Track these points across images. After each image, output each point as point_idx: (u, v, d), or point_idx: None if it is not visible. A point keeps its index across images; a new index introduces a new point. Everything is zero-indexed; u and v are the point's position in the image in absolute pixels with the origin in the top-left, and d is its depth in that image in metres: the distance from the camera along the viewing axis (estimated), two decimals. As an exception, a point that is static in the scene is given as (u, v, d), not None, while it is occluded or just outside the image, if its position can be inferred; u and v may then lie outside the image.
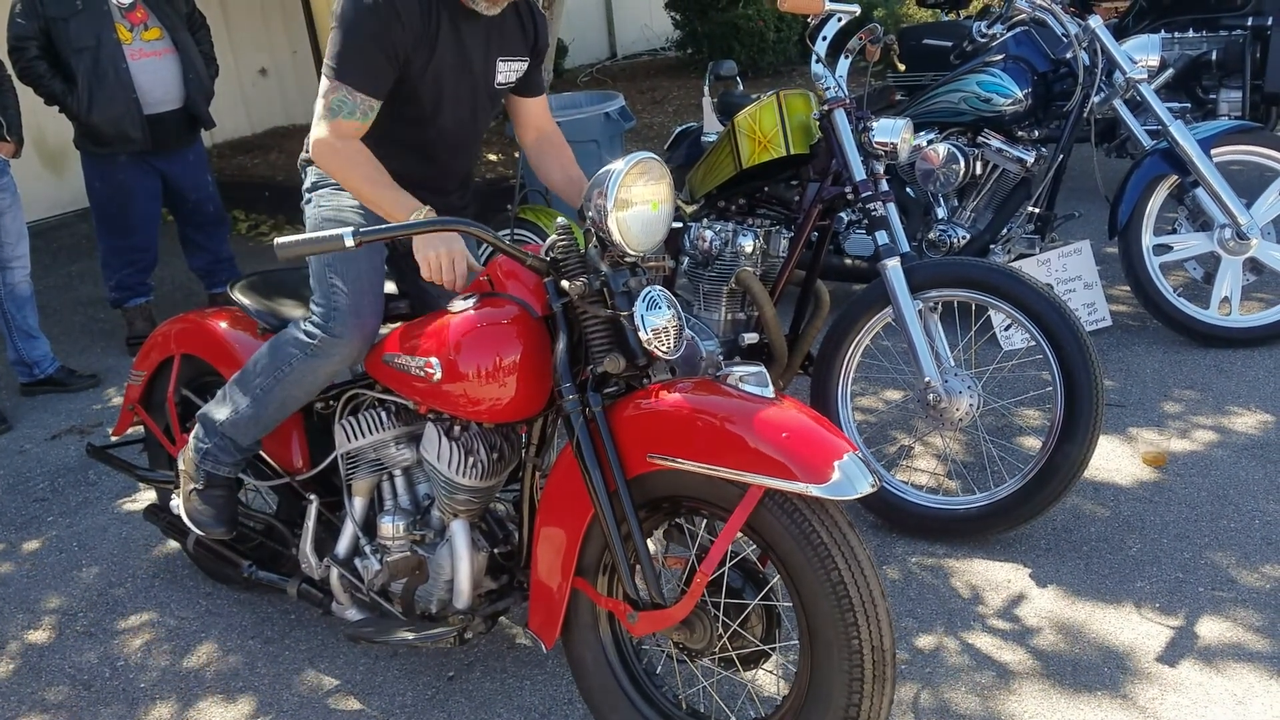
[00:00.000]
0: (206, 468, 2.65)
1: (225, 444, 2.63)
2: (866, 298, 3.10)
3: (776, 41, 10.22)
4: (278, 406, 2.55)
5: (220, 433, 2.62)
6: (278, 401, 2.54)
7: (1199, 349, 4.04)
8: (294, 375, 2.49)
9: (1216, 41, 5.26)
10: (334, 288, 2.45)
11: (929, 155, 4.21)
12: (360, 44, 2.29)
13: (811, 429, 1.86)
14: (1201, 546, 2.90)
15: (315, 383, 2.52)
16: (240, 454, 2.66)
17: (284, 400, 2.54)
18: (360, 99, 2.31)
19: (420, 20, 2.34)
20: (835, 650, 1.88)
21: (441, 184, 2.75)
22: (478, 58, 2.51)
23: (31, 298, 4.57)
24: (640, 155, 2.03)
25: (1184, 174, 3.96)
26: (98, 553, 3.42)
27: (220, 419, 2.61)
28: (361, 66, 2.30)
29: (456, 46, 2.45)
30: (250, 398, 2.55)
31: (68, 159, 6.94)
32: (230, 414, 2.59)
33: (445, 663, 2.72)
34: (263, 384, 2.53)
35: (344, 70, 2.30)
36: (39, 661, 2.89)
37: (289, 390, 2.51)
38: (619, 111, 5.61)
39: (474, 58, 2.50)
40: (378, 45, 2.29)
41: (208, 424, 2.65)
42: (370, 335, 2.47)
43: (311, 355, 2.46)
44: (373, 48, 2.29)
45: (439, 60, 2.43)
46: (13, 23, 4.57)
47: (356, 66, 2.30)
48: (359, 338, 2.44)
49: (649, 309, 2.02)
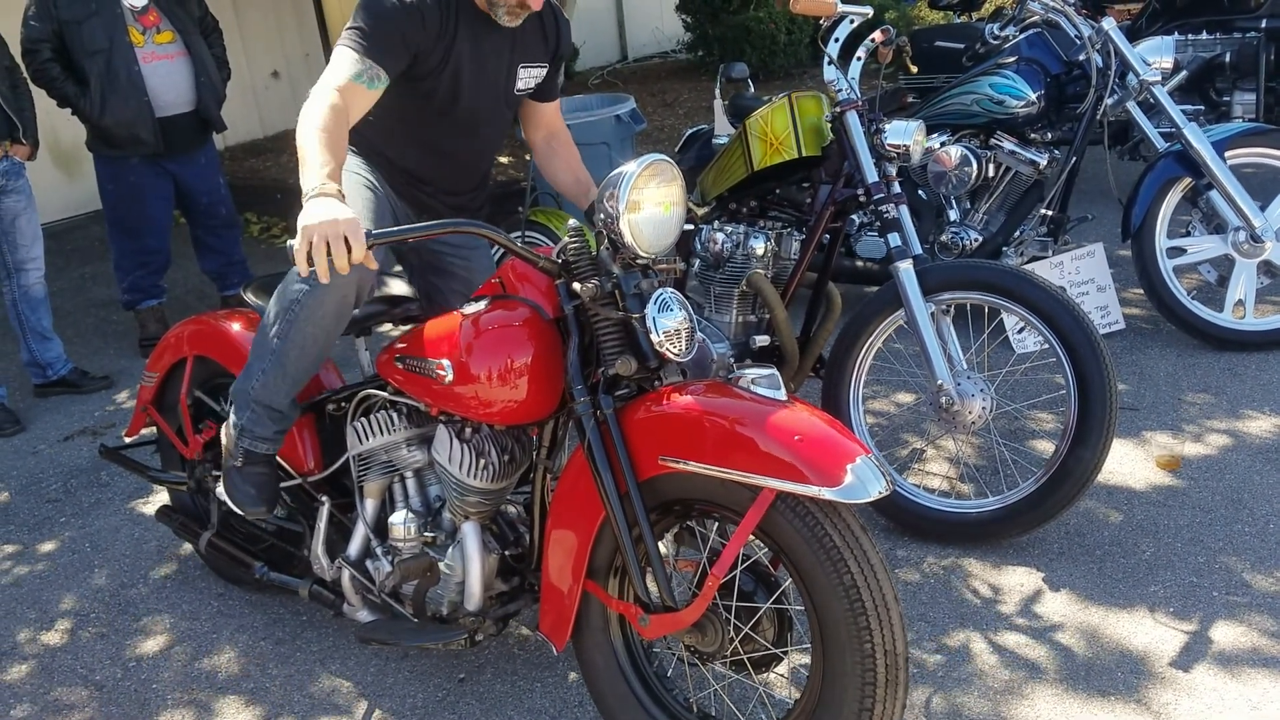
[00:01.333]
0: (245, 444, 2.60)
1: (259, 414, 2.57)
2: (878, 300, 3.10)
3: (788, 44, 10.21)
4: (298, 354, 2.48)
5: (252, 403, 2.56)
6: (297, 348, 2.47)
7: (1213, 352, 4.02)
8: (304, 314, 2.42)
9: (1230, 43, 5.24)
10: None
11: (941, 157, 4.20)
12: (381, 24, 2.39)
13: (824, 432, 1.85)
14: (1215, 551, 2.88)
15: (326, 317, 2.44)
16: (276, 423, 2.59)
17: (302, 345, 2.46)
18: (370, 64, 2.37)
19: (439, 23, 2.43)
20: (848, 654, 1.87)
21: (455, 185, 2.77)
22: (498, 64, 2.55)
23: (45, 299, 4.59)
24: (652, 157, 2.03)
25: (1198, 176, 3.95)
26: (110, 553, 3.43)
27: (250, 388, 2.56)
28: (380, 42, 2.39)
29: (475, 52, 2.50)
30: (270, 353, 2.49)
31: (81, 161, 6.97)
32: (258, 378, 2.53)
33: (456, 665, 2.72)
34: (278, 333, 2.47)
35: (362, 41, 2.37)
36: (51, 662, 2.90)
37: (304, 332, 2.44)
38: (630, 114, 5.61)
39: (493, 65, 2.54)
40: (397, 29, 2.40)
41: (240, 398, 2.60)
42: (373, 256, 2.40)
43: (314, 286, 2.39)
44: (393, 29, 2.39)
45: (455, 64, 2.46)
46: (27, 25, 4.60)
47: (375, 41, 2.38)
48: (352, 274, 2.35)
49: (660, 311, 2.02)
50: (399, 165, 2.73)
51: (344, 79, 2.33)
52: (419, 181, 2.76)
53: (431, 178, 2.75)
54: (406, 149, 2.63)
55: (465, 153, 2.72)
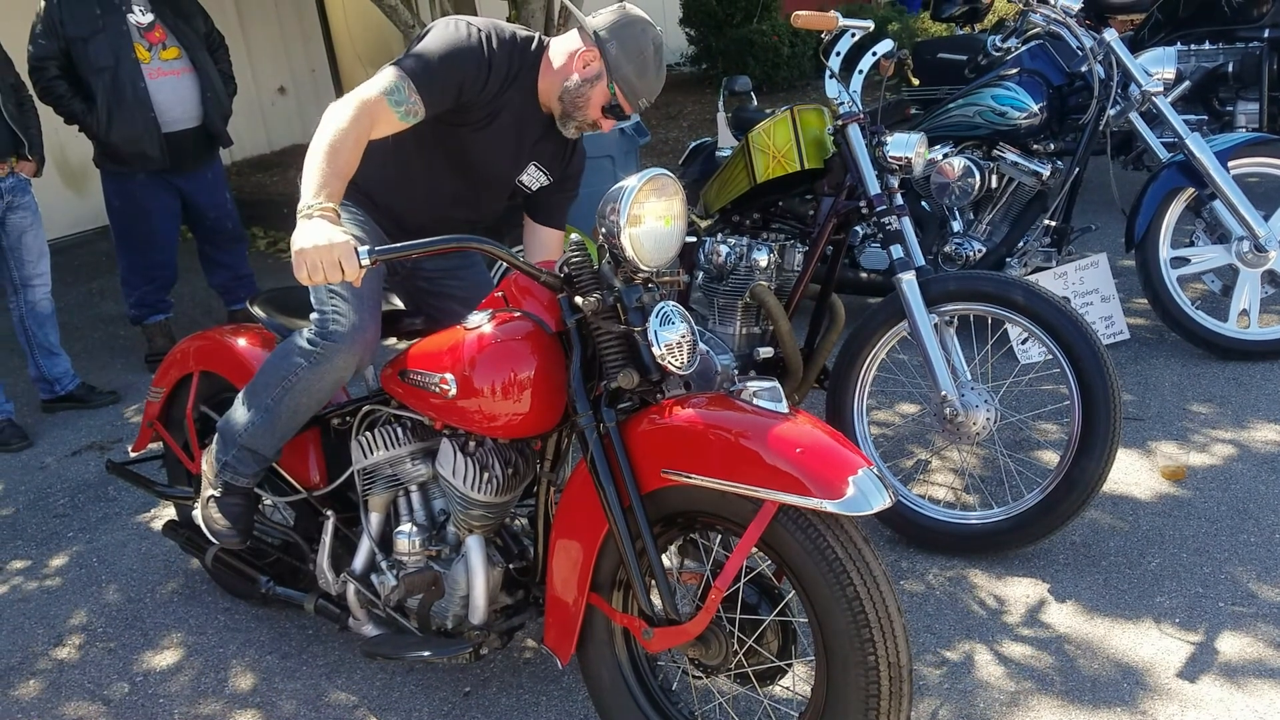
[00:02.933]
0: (225, 477, 2.66)
1: (244, 455, 2.63)
2: (882, 312, 3.10)
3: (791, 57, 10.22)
4: (289, 416, 2.55)
5: (238, 445, 2.62)
6: (289, 411, 2.54)
7: (1217, 362, 4.02)
8: (301, 385, 2.49)
9: (1233, 54, 5.24)
10: (333, 294, 2.46)
11: (944, 169, 4.21)
12: (446, 64, 2.35)
13: (826, 444, 1.86)
14: (1221, 561, 2.88)
15: (322, 390, 2.51)
16: (259, 465, 2.65)
17: (294, 409, 2.54)
18: (415, 99, 2.33)
19: (501, 84, 2.43)
20: (851, 666, 1.87)
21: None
22: (520, 146, 2.58)
23: (52, 315, 4.61)
24: (653, 171, 2.04)
25: (1201, 187, 3.95)
26: (117, 568, 3.43)
27: (237, 431, 2.61)
28: (436, 81, 2.35)
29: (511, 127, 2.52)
30: (262, 409, 2.55)
31: (88, 177, 7.01)
32: (246, 426, 2.59)
33: (461, 678, 2.72)
34: (273, 395, 2.53)
35: (418, 73, 2.33)
36: (59, 677, 2.91)
37: (298, 399, 2.51)
38: (634, 127, 5.62)
39: (516, 145, 2.57)
40: (459, 75, 2.36)
41: (226, 436, 2.65)
42: (370, 342, 2.47)
43: (315, 364, 2.46)
44: (454, 74, 2.36)
45: (494, 129, 2.49)
46: (33, 43, 4.63)
47: (432, 78, 2.34)
48: (359, 344, 2.44)
49: (662, 324, 2.03)
50: (391, 214, 2.69)
51: (379, 97, 2.28)
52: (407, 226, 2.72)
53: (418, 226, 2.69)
54: (404, 200, 2.61)
55: (462, 218, 2.71)
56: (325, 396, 2.55)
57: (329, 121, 2.23)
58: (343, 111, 2.25)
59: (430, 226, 2.65)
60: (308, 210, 2.06)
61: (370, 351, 2.49)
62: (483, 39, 2.39)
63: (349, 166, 2.21)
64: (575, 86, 2.45)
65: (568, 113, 2.49)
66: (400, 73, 2.32)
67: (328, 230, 2.00)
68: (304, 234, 2.01)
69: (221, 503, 2.67)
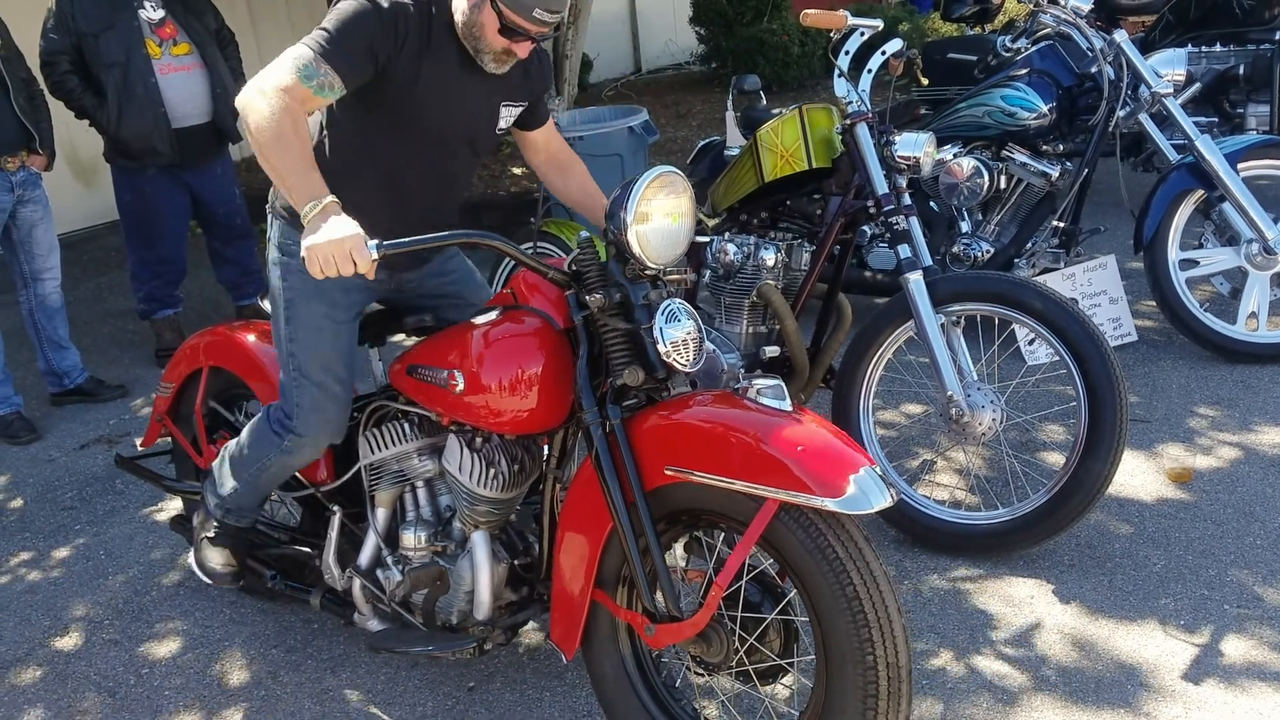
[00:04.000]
0: (217, 516, 2.79)
1: (228, 510, 2.78)
2: (889, 311, 3.10)
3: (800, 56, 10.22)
4: (267, 484, 2.71)
5: (224, 505, 2.76)
6: (266, 484, 2.70)
7: (1225, 364, 4.01)
8: (274, 467, 2.64)
9: (1244, 55, 5.22)
10: (297, 383, 2.50)
11: (953, 169, 4.21)
12: (350, 30, 2.19)
13: (828, 443, 1.86)
14: (1227, 564, 2.87)
15: (299, 466, 2.66)
16: (248, 514, 2.81)
17: (271, 482, 2.70)
18: (326, 71, 2.17)
19: (419, 36, 2.28)
20: (850, 666, 1.87)
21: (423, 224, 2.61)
22: (477, 101, 2.43)
23: (62, 309, 4.63)
24: (661, 169, 2.04)
25: (1210, 189, 3.94)
26: (124, 561, 3.45)
27: (223, 495, 2.75)
28: (343, 47, 2.19)
29: (450, 81, 2.37)
30: (241, 482, 2.70)
31: (98, 172, 7.03)
32: (230, 493, 2.73)
33: (466, 673, 2.73)
34: (250, 473, 2.68)
35: (325, 45, 2.18)
36: (65, 668, 2.93)
37: (274, 475, 2.67)
38: (642, 126, 5.63)
39: (471, 99, 2.42)
40: (366, 36, 2.21)
41: (211, 494, 2.79)
42: (336, 426, 2.55)
43: (285, 452, 2.58)
44: (360, 36, 2.21)
45: (426, 85, 2.34)
46: (45, 38, 4.65)
47: (337, 46, 2.19)
48: (324, 433, 2.54)
49: (668, 322, 2.04)
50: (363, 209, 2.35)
51: (290, 79, 2.14)
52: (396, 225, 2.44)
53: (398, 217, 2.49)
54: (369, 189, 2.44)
55: (430, 189, 2.52)
56: (305, 466, 2.69)
57: (258, 118, 2.10)
58: (263, 104, 2.11)
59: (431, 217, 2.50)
60: (309, 210, 2.03)
61: (339, 434, 2.57)
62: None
63: (307, 152, 2.12)
64: (465, 18, 2.28)
65: (476, 49, 2.31)
66: (305, 49, 2.19)
67: (339, 224, 1.99)
68: (316, 230, 1.99)
69: (216, 540, 2.79)
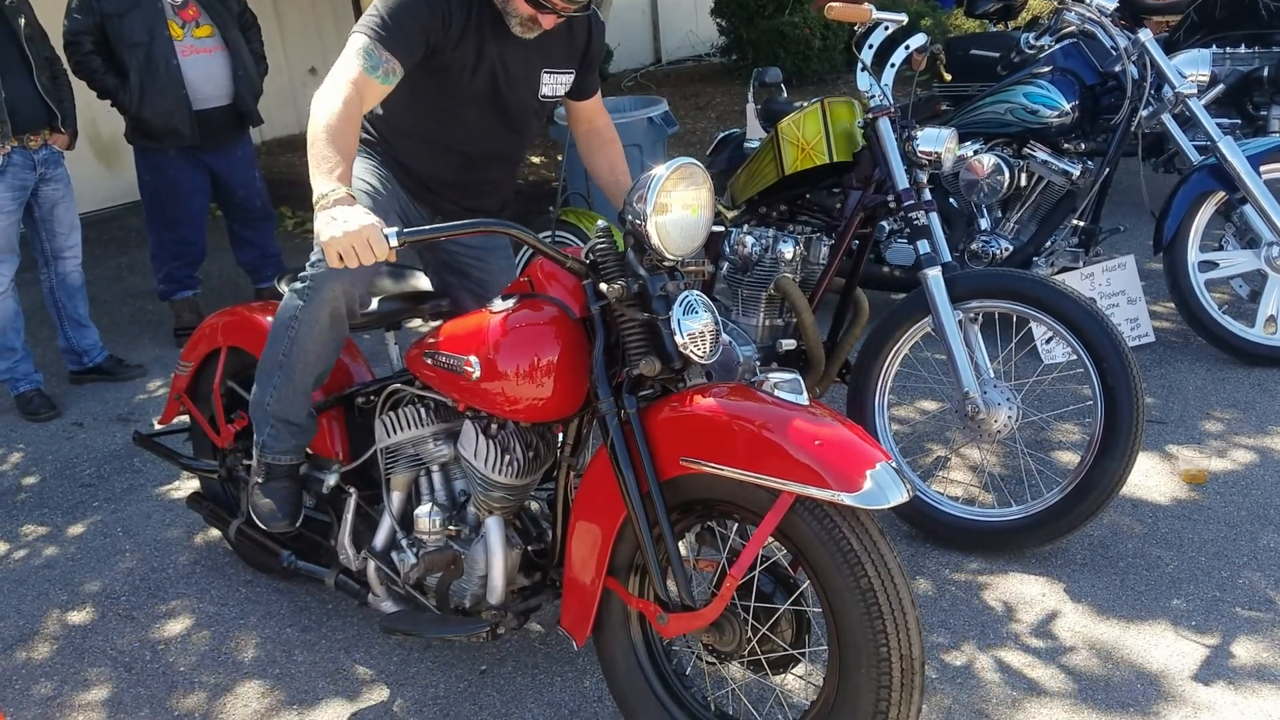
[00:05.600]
0: (267, 459, 2.70)
1: (278, 429, 2.66)
2: (906, 307, 3.10)
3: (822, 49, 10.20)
4: (303, 367, 2.57)
5: (271, 419, 2.65)
6: (301, 362, 2.56)
7: (1242, 367, 4.00)
8: (303, 328, 2.51)
9: (1269, 57, 5.18)
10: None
11: (973, 166, 4.19)
12: (402, 15, 2.34)
13: (845, 437, 1.87)
14: (1240, 566, 2.87)
15: (323, 327, 2.52)
16: (295, 437, 2.68)
17: (305, 358, 2.55)
18: (387, 57, 2.33)
19: (464, 17, 2.40)
20: (864, 658, 1.88)
21: (477, 193, 2.76)
22: (521, 70, 2.54)
23: (82, 287, 4.67)
24: (681, 160, 2.05)
25: (1232, 190, 3.92)
26: (141, 538, 3.48)
27: (265, 402, 2.64)
28: (398, 34, 2.34)
29: (499, 56, 2.48)
30: (279, 369, 2.59)
31: (120, 152, 7.07)
32: (271, 394, 2.62)
33: (478, 657, 2.75)
34: (283, 350, 2.56)
35: (380, 31, 2.33)
36: (81, 642, 2.96)
37: (305, 345, 2.53)
38: (662, 116, 5.63)
39: (517, 71, 2.53)
40: (418, 21, 2.35)
41: (258, 415, 2.69)
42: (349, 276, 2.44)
43: (309, 300, 2.48)
44: (412, 21, 2.34)
45: (490, 62, 2.46)
46: (69, 18, 4.68)
47: (393, 32, 2.33)
48: (337, 277, 2.44)
49: (685, 313, 2.04)
50: (417, 173, 2.71)
51: (358, 71, 2.30)
52: (438, 186, 2.74)
53: (452, 183, 2.72)
54: (426, 154, 2.60)
55: (487, 158, 2.70)
56: (329, 338, 2.55)
57: (320, 108, 2.24)
58: (330, 94, 2.26)
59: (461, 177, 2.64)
60: (324, 199, 2.08)
61: (361, 279, 2.48)
62: None
63: (350, 147, 2.22)
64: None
65: (504, 9, 2.44)
66: (365, 37, 2.33)
67: (353, 215, 2.02)
68: (328, 223, 2.03)
69: (266, 488, 2.72)
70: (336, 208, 2.06)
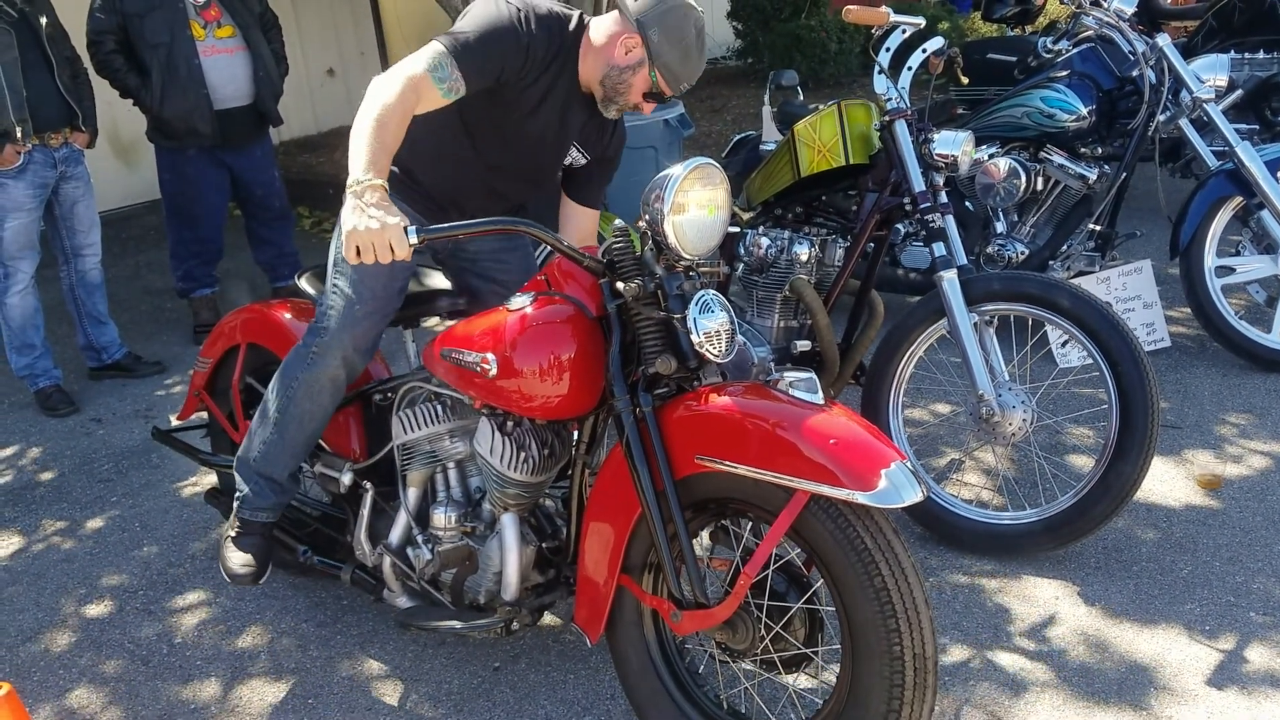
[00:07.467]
0: (244, 514, 2.75)
1: (261, 485, 2.72)
2: (921, 309, 3.11)
3: (838, 52, 10.17)
4: (296, 426, 2.63)
5: (255, 474, 2.72)
6: (295, 421, 2.62)
7: (1258, 373, 3.98)
8: (301, 389, 2.58)
9: (1288, 63, 5.17)
10: (335, 287, 2.52)
11: (990, 169, 4.20)
12: (488, 41, 2.33)
13: (860, 436, 1.87)
14: (1254, 571, 2.86)
15: (321, 391, 2.59)
16: (275, 495, 2.74)
17: (300, 418, 2.62)
18: (457, 75, 2.30)
19: (543, 63, 2.42)
20: (877, 656, 1.89)
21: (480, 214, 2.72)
22: (566, 134, 2.57)
23: (101, 285, 4.71)
24: (698, 160, 2.06)
25: (1249, 196, 3.91)
26: (159, 533, 3.51)
27: (252, 457, 2.71)
28: (477, 58, 2.32)
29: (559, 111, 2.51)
30: (271, 424, 2.65)
31: (140, 151, 7.11)
32: (259, 448, 2.68)
33: (491, 653, 2.77)
34: (278, 406, 2.63)
35: (460, 49, 2.31)
36: (99, 635, 2.98)
37: (301, 406, 2.60)
38: (678, 119, 5.65)
39: (564, 133, 2.56)
40: (501, 52, 2.34)
41: (244, 469, 2.75)
42: (364, 339, 2.53)
43: (310, 364, 2.56)
44: (495, 50, 2.34)
45: (537, 111, 2.48)
46: (92, 18, 4.72)
47: (473, 54, 2.31)
48: (348, 339, 2.52)
49: (702, 312, 2.05)
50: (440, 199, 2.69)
51: (424, 73, 2.26)
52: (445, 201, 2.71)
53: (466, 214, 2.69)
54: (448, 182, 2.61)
55: (505, 202, 2.71)
56: (327, 401, 2.62)
57: (375, 95, 2.23)
58: (389, 86, 2.23)
59: (472, 209, 2.67)
60: (358, 186, 2.09)
61: (361, 354, 2.55)
62: (520, 17, 2.37)
63: (395, 140, 2.22)
64: (617, 72, 2.42)
65: (609, 96, 2.47)
66: (443, 49, 2.31)
67: (379, 212, 2.04)
68: (355, 214, 2.05)
69: (239, 542, 2.76)
70: (368, 196, 2.07)
